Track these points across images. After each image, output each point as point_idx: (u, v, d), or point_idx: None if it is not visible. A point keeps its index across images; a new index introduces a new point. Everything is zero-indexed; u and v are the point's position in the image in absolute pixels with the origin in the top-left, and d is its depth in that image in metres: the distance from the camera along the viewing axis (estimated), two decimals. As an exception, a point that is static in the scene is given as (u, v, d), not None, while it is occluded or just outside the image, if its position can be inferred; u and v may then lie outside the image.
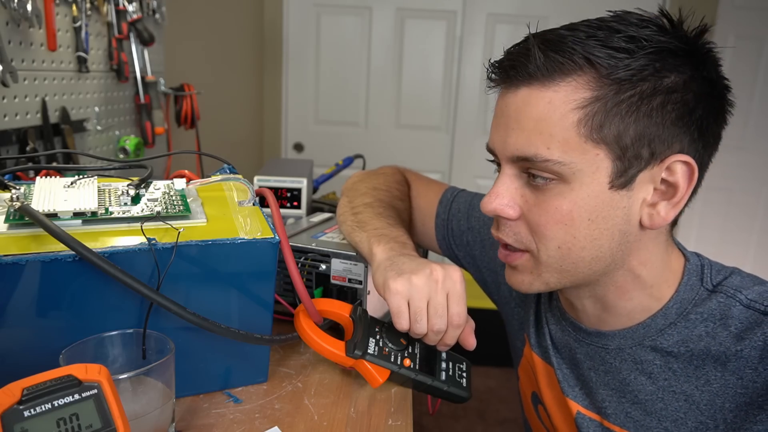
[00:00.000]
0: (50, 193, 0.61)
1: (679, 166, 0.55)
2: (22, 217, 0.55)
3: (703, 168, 0.56)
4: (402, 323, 0.63)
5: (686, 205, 0.57)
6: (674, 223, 0.61)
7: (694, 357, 0.58)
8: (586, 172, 0.54)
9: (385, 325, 0.69)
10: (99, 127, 1.21)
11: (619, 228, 0.56)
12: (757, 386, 0.54)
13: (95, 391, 0.42)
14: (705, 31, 0.54)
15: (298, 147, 2.76)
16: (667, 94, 0.52)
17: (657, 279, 0.60)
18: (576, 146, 0.53)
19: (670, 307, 0.60)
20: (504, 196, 0.58)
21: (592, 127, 0.52)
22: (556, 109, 0.53)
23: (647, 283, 0.60)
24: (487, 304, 0.96)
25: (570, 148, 0.53)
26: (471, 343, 0.67)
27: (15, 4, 0.90)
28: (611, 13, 0.54)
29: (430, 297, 0.62)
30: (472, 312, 0.67)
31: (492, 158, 0.62)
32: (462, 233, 0.86)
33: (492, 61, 0.59)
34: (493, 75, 0.59)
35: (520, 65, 0.55)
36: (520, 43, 0.57)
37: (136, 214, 0.61)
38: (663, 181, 0.55)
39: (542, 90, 0.54)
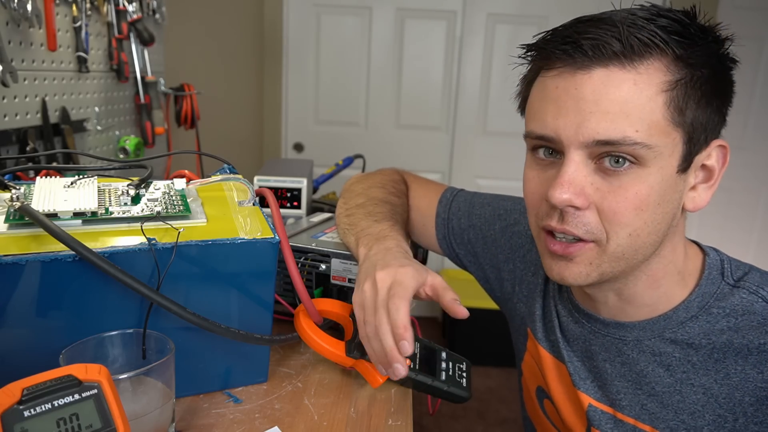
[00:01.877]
0: (50, 193, 0.61)
1: (714, 150, 0.57)
2: (22, 217, 0.55)
3: None
4: (360, 331, 0.63)
5: None
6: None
7: (715, 350, 0.58)
8: (664, 155, 0.54)
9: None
10: (99, 127, 1.21)
11: (673, 212, 0.57)
12: None
13: (95, 391, 0.42)
14: (716, 29, 0.56)
15: (298, 147, 2.76)
16: (717, 82, 0.55)
17: (682, 266, 0.61)
18: (662, 129, 0.53)
19: (692, 300, 0.60)
20: (575, 184, 0.55)
21: (676, 109, 0.53)
22: (643, 91, 0.52)
23: (676, 268, 0.61)
24: (488, 304, 0.96)
25: (656, 131, 0.53)
26: (460, 311, 0.63)
27: (15, 4, 0.90)
28: (642, 5, 0.55)
29: (373, 300, 0.62)
30: (475, 312, 0.66)
31: (540, 145, 0.58)
32: (463, 231, 0.86)
33: (547, 35, 0.56)
34: (556, 52, 0.55)
35: (602, 44, 0.52)
36: (583, 22, 0.55)
37: (136, 214, 0.60)
38: (702, 165, 0.57)
39: (623, 71, 0.52)
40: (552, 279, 0.62)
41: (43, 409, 0.40)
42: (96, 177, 0.69)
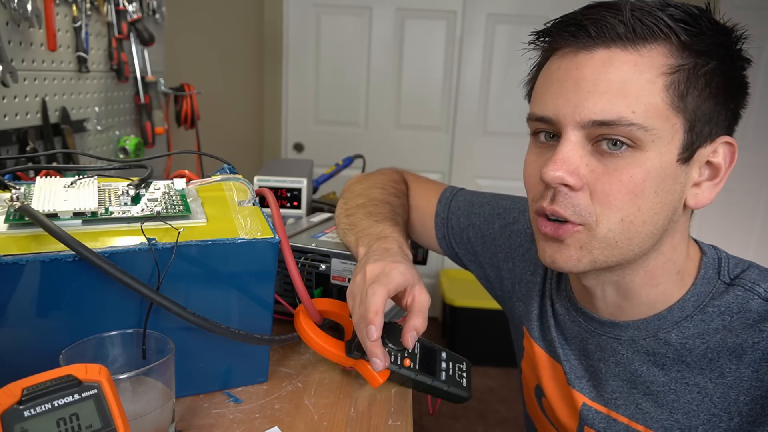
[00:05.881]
0: (50, 193, 0.61)
1: (722, 147, 0.56)
2: (22, 217, 0.55)
3: None
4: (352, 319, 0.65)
5: None
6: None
7: (709, 350, 0.58)
8: (663, 141, 0.53)
9: (385, 326, 0.69)
10: (99, 127, 1.21)
11: (674, 205, 0.56)
12: None
13: (95, 391, 0.42)
14: (734, 28, 0.56)
15: (298, 147, 2.76)
16: (726, 76, 0.54)
17: (682, 265, 0.60)
18: (661, 112, 0.52)
19: (687, 300, 0.60)
20: (570, 162, 0.54)
21: (676, 94, 0.52)
22: (643, 73, 0.52)
23: (675, 267, 0.60)
24: (488, 304, 0.96)
25: (654, 114, 0.52)
26: (409, 341, 0.64)
27: (15, 4, 0.90)
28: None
29: (361, 289, 0.63)
30: (475, 312, 0.66)
31: (540, 128, 0.58)
32: (462, 230, 0.86)
33: (555, 20, 0.56)
34: (562, 34, 0.55)
35: (605, 25, 0.52)
36: (591, 7, 0.55)
37: (136, 214, 0.60)
38: (707, 162, 0.56)
39: (624, 53, 0.52)
40: (544, 263, 0.60)
41: (43, 409, 0.40)
42: (96, 177, 0.69)
